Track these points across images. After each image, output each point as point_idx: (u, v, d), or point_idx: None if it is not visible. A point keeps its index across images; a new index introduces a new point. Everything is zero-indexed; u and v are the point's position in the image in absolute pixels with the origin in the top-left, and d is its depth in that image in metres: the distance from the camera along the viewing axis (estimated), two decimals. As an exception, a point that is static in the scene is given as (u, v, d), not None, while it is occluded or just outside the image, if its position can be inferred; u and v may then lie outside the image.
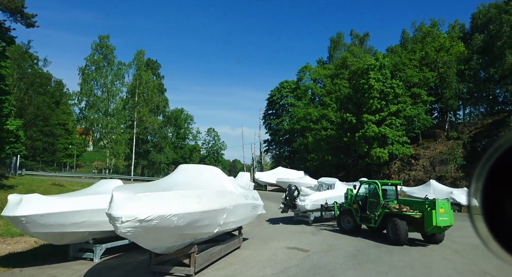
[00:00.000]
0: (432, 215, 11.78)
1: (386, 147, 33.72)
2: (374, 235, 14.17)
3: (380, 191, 13.42)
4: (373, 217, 13.57)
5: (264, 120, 68.32)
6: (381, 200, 13.31)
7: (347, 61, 40.97)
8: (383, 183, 14.26)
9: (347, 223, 14.83)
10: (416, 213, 12.37)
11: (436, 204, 11.95)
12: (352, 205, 14.64)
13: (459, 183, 29.52)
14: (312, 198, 16.30)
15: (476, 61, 35.79)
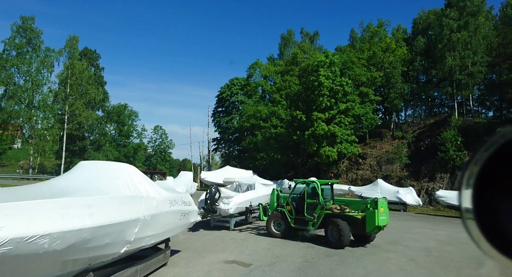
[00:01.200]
0: (375, 215, 11.39)
1: (335, 146, 33.28)
2: (315, 239, 12.96)
3: (319, 191, 12.49)
4: (312, 219, 12.48)
5: (213, 118, 65.95)
6: (321, 201, 12.41)
7: (297, 58, 40.20)
8: (323, 183, 13.31)
9: (278, 227, 13.45)
10: (358, 213, 11.80)
11: (378, 204, 11.57)
12: (285, 207, 13.35)
13: (404, 182, 29.82)
14: (237, 201, 14.56)
15: (419, 62, 36.89)
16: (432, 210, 26.41)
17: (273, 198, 14.10)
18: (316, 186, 12.80)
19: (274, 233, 13.37)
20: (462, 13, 33.17)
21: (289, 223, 13.10)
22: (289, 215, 13.12)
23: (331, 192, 13.47)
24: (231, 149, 65.85)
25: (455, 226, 18.67)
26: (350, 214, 11.81)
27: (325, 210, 12.21)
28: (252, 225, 16.20)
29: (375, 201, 11.77)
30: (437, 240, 14.42)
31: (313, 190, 12.91)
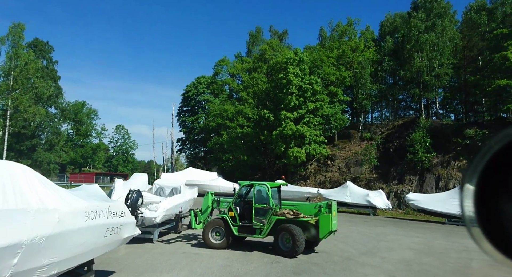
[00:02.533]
0: (329, 219, 10.82)
1: (304, 147, 31.93)
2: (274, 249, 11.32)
3: (270, 194, 11.27)
4: (260, 226, 11.24)
5: (178, 118, 62.94)
6: (272, 205, 11.24)
7: (265, 55, 38.63)
8: (273, 186, 11.97)
9: (218, 236, 11.69)
10: (312, 218, 10.99)
11: (332, 207, 10.99)
12: (228, 213, 11.68)
13: (373, 184, 28.97)
14: (165, 207, 12.35)
15: (388, 63, 36.58)
16: (402, 213, 25.62)
17: (206, 202, 12.37)
18: (266, 189, 11.46)
19: (212, 244, 11.60)
20: (429, 15, 33.12)
21: (232, 231, 11.46)
22: (232, 222, 11.54)
23: (278, 195, 12.23)
24: (196, 150, 63.20)
25: (428, 232, 17.69)
26: (304, 219, 10.90)
27: (277, 215, 11.06)
28: (185, 234, 13.99)
29: (329, 204, 11.09)
30: (413, 249, 13.11)
31: (263, 193, 11.61)
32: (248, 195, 12.49)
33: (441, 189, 25.31)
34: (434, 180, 26.40)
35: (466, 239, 15.82)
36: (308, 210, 11.48)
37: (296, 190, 28.71)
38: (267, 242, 12.19)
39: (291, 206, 12.07)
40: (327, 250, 12.50)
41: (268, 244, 12.31)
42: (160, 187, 15.74)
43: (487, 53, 32.35)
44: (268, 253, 11.18)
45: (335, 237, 15.60)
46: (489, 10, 35.15)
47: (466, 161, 22.84)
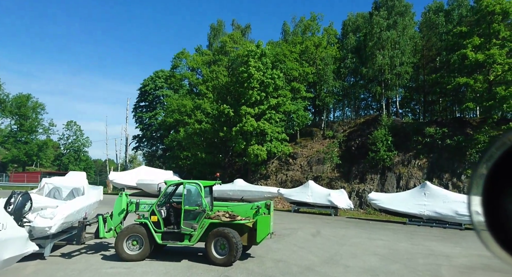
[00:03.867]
0: (268, 221, 9.86)
1: (265, 144, 30.46)
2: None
3: (203, 194, 9.88)
4: (190, 231, 9.73)
5: (135, 113, 59.22)
6: (206, 207, 9.86)
7: (226, 47, 36.71)
8: (206, 185, 10.50)
9: (135, 245, 9.70)
10: (250, 221, 9.91)
11: (271, 208, 10.14)
12: (149, 217, 9.87)
13: (335, 183, 28.16)
14: (65, 213, 9.59)
15: (350, 60, 36.19)
16: (363, 213, 24.94)
17: (120, 205, 10.38)
18: (198, 188, 10.00)
19: (127, 255, 9.61)
20: (390, 13, 33.03)
21: (154, 239, 9.67)
22: (155, 228, 9.76)
23: (211, 196, 10.89)
24: (154, 148, 59.88)
25: (391, 233, 16.84)
26: (241, 222, 9.75)
27: (210, 218, 9.71)
28: (89, 244, 11.35)
29: (267, 204, 10.17)
30: (378, 254, 11.95)
31: (194, 193, 10.18)
32: (173, 195, 10.84)
33: (402, 188, 24.97)
34: (395, 179, 26.04)
35: (429, 241, 15.12)
36: (245, 212, 10.32)
37: (256, 189, 27.20)
38: (189, 249, 10.62)
39: (225, 207, 10.63)
40: (284, 258, 11.01)
41: (190, 251, 10.78)
42: (55, 188, 12.33)
43: (444, 53, 32.91)
44: (206, 263, 9.51)
45: (294, 241, 14.27)
46: (447, 12, 35.89)
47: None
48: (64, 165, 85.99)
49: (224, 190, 28.00)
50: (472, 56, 23.59)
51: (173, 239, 9.86)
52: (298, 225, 18.53)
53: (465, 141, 24.19)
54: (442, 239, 15.47)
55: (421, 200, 19.52)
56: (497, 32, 24.33)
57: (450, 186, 23.50)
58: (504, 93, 22.39)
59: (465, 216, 18.20)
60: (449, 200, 19.05)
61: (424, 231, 17.86)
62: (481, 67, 25.06)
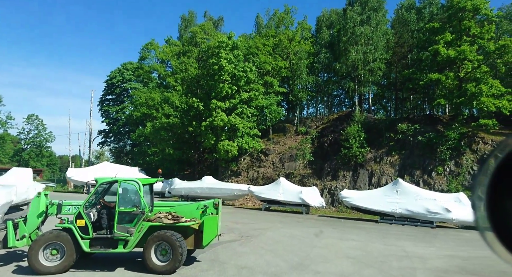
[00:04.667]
0: (216, 222, 9.02)
1: (236, 140, 29.29)
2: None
3: (142, 193, 8.71)
4: (125, 236, 8.49)
5: (101, 107, 56.18)
6: (145, 209, 8.71)
7: (196, 37, 35.06)
8: (146, 182, 9.34)
9: (54, 255, 8.23)
10: (195, 222, 8.98)
11: (219, 207, 9.35)
12: (75, 222, 8.41)
13: (307, 180, 27.48)
14: None
15: (324, 55, 35.65)
16: (335, 211, 24.40)
17: (37, 207, 8.84)
18: (136, 186, 8.79)
19: (44, 268, 8.03)
20: (364, 8, 32.70)
21: (81, 246, 8.28)
22: (81, 234, 8.34)
23: (151, 196, 9.65)
24: (121, 143, 57.16)
25: (363, 233, 16.22)
26: (186, 224, 8.77)
27: (150, 221, 8.64)
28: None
29: (215, 203, 9.32)
30: (351, 257, 11.15)
31: (131, 193, 9.06)
32: (105, 195, 9.40)
33: (374, 186, 24.64)
34: (367, 176, 25.70)
35: (402, 241, 14.61)
36: (190, 212, 9.35)
37: (225, 187, 26.03)
38: (125, 255, 9.29)
39: (167, 208, 9.50)
40: (249, 264, 9.97)
41: (126, 257, 9.54)
42: None
43: (416, 51, 33.05)
44: (145, 272, 8.33)
45: (262, 244, 13.27)
46: (418, 9, 36.10)
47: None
48: (24, 161, 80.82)
49: (192, 188, 26.66)
50: (444, 52, 23.52)
51: (104, 246, 8.50)
52: (268, 225, 17.57)
53: (436, 138, 24.17)
54: (415, 238, 14.99)
55: (393, 197, 19.11)
56: (468, 28, 24.41)
57: (421, 183, 23.39)
58: (474, 90, 22.45)
59: (436, 214, 17.96)
60: (420, 197, 18.75)
61: (396, 229, 17.41)
62: (452, 64, 25.12)
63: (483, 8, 23.74)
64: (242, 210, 24.59)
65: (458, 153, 23.45)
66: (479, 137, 23.74)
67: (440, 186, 22.80)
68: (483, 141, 23.39)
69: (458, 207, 17.91)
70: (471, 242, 14.72)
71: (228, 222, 18.15)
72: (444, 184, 22.76)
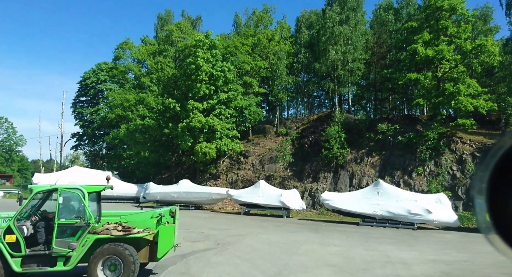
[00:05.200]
0: (172, 232, 8.36)
1: (214, 142, 28.35)
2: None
3: (87, 203, 7.76)
4: (66, 252, 7.52)
5: (74, 109, 53.89)
6: (90, 220, 7.77)
7: (173, 36, 33.90)
8: (92, 190, 8.34)
9: None
10: (149, 232, 8.10)
11: (176, 215, 8.59)
12: (3, 238, 7.33)
13: (287, 183, 26.86)
14: None
15: (304, 55, 35.26)
16: (316, 214, 23.86)
17: None
18: (80, 195, 7.82)
19: None
20: (343, 8, 32.52)
21: (10, 266, 7.23)
22: (12, 252, 7.28)
23: (98, 205, 8.68)
24: (96, 146, 55.02)
25: (344, 237, 15.66)
26: (139, 235, 7.87)
27: (97, 233, 7.68)
28: None
29: (172, 211, 8.56)
30: (332, 265, 10.49)
31: (74, 202, 8.15)
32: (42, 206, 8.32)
33: (354, 187, 24.27)
34: (348, 177, 25.32)
35: (385, 245, 14.11)
36: (143, 221, 8.40)
37: (203, 191, 25.06)
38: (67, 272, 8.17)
39: (117, 217, 8.52)
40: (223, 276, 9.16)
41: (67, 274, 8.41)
42: None
43: (394, 51, 33.14)
44: None
45: (239, 252, 12.44)
46: (396, 10, 36.31)
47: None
48: (-7, 166, 76.81)
49: (168, 193, 25.54)
50: (422, 51, 23.47)
51: (40, 264, 7.50)
52: (246, 230, 16.77)
53: (416, 138, 24.07)
54: (397, 242, 14.55)
55: (374, 199, 18.71)
56: (445, 28, 24.49)
57: (402, 184, 23.19)
58: (453, 89, 22.46)
59: (417, 215, 17.66)
60: (401, 198, 18.44)
61: (378, 232, 16.97)
62: (430, 63, 25.14)
63: (459, 8, 23.89)
64: (220, 215, 23.68)
65: (437, 153, 23.40)
66: (458, 137, 23.79)
67: (420, 187, 22.65)
68: (462, 140, 23.45)
69: (438, 208, 17.68)
70: (453, 244, 14.42)
71: (205, 228, 17.25)
72: (424, 185, 22.63)
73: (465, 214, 19.98)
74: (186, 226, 17.74)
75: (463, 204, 21.17)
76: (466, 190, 21.43)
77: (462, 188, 21.62)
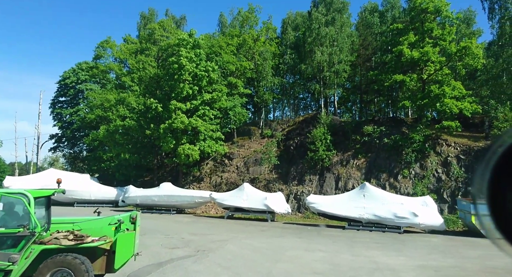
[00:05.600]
0: (132, 240, 7.55)
1: (197, 144, 27.55)
2: None
3: (32, 210, 6.86)
4: (5, 265, 6.58)
5: (53, 109, 51.99)
6: (37, 228, 6.88)
7: (155, 34, 32.95)
8: (39, 195, 7.47)
9: None
10: (106, 241, 7.37)
11: (136, 222, 7.80)
12: None
13: (272, 185, 26.27)
14: None
15: (290, 55, 34.89)
16: (301, 218, 23.34)
17: None
18: (24, 201, 6.94)
19: None
20: (329, 9, 32.35)
21: None
22: None
23: (47, 211, 7.81)
24: (76, 148, 53.21)
25: (330, 242, 15.15)
26: (93, 244, 7.14)
27: (44, 243, 6.91)
28: None
29: (132, 217, 7.74)
30: (318, 273, 9.94)
31: (17, 209, 7.24)
32: None
33: (340, 190, 23.89)
34: (334, 179, 24.93)
35: (371, 250, 13.66)
36: (99, 229, 7.65)
37: (185, 194, 24.19)
38: None
39: (69, 225, 7.74)
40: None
41: None
42: None
43: (379, 54, 33.13)
44: None
45: (220, 259, 11.71)
46: (381, 13, 36.41)
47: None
48: (-34, 169, 73.48)
49: (148, 196, 24.55)
50: (408, 53, 23.38)
51: None
52: (229, 236, 16.07)
53: (402, 140, 23.91)
54: (384, 246, 14.13)
55: (360, 202, 18.32)
56: (430, 30, 24.51)
57: (388, 187, 22.94)
58: (438, 91, 22.40)
59: (403, 219, 17.34)
60: (388, 202, 18.11)
61: (364, 236, 16.55)
62: (416, 65, 25.11)
63: (444, 10, 23.95)
64: (203, 219, 22.89)
65: (423, 155, 23.28)
66: (443, 139, 23.75)
67: (406, 190, 22.45)
68: (447, 143, 23.41)
69: (425, 211, 17.42)
70: (440, 249, 14.10)
71: (185, 234, 16.45)
72: (410, 187, 22.44)
73: (451, 217, 19.83)
74: (166, 232, 16.92)
75: (448, 207, 21.05)
76: (451, 193, 21.33)
77: (448, 190, 21.52)
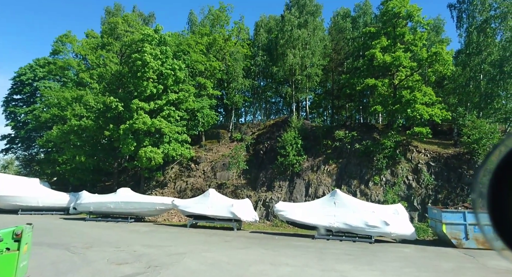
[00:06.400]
0: (14, 261, 6.35)
1: (161, 146, 25.76)
2: None
3: None
4: None
5: (6, 107, 48.02)
6: None
7: (118, 29, 30.90)
8: None
9: None
10: None
11: (22, 239, 6.63)
12: None
13: (240, 192, 24.93)
14: None
15: (261, 57, 33.94)
16: (270, 226, 22.11)
17: None
18: None
19: None
20: (302, 12, 31.79)
21: None
22: None
23: None
24: (32, 150, 49.39)
25: (299, 254, 13.99)
26: None
27: None
28: None
29: (16, 233, 6.67)
30: (282, 294, 8.67)
31: None
32: None
33: (311, 196, 22.94)
34: (304, 186, 23.96)
35: (342, 263, 12.66)
36: None
37: (145, 201, 22.31)
38: None
39: None
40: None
41: None
42: None
43: (351, 59, 32.91)
44: None
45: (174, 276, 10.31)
46: (353, 18, 36.38)
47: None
48: None
49: (103, 203, 22.43)
50: (380, 57, 23.02)
51: None
52: (189, 248, 14.52)
53: (373, 145, 23.41)
54: (355, 258, 13.13)
55: (331, 210, 17.37)
56: (402, 35, 24.39)
57: (358, 193, 22.26)
58: (409, 96, 22.13)
59: (375, 228, 16.54)
60: (359, 210, 17.26)
61: (334, 247, 15.54)
62: (388, 70, 24.86)
63: (416, 15, 23.89)
64: (163, 228, 21.08)
65: (393, 161, 22.86)
66: (413, 146, 23.48)
67: (377, 197, 21.85)
68: (417, 149, 23.14)
69: (396, 220, 16.71)
70: (412, 261, 13.32)
71: (139, 246, 14.71)
72: (381, 195, 21.87)
73: (421, 225, 19.34)
74: (117, 244, 15.09)
75: (418, 214, 20.61)
76: (421, 200, 20.93)
77: (418, 198, 21.11)
